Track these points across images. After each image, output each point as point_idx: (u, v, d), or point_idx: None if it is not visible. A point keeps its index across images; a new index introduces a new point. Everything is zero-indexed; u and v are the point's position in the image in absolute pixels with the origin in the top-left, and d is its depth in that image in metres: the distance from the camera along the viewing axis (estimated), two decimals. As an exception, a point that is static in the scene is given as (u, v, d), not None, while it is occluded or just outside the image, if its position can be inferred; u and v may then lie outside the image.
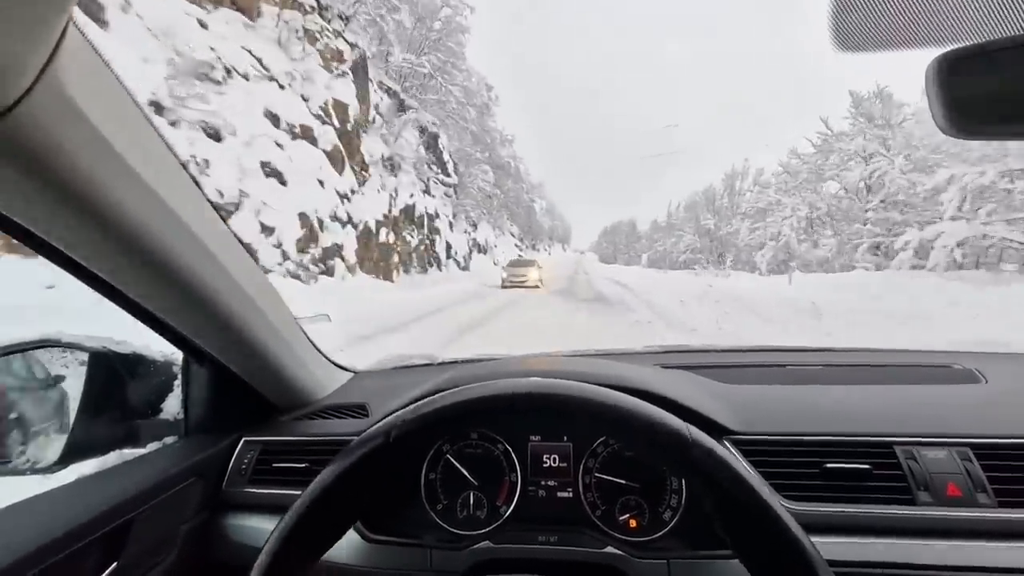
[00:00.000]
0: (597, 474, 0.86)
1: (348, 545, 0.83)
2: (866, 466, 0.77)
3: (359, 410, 1.05)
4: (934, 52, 0.46)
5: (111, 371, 0.94)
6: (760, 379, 1.04)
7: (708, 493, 0.53)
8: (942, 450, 0.77)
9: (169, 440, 0.96)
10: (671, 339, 7.02)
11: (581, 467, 0.87)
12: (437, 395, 0.61)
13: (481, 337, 7.15)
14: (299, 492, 0.58)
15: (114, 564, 0.72)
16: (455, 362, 1.33)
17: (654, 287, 18.08)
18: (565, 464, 0.88)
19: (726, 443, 0.82)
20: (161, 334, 0.84)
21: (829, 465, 0.78)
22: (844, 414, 0.87)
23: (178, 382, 1.01)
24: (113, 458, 0.84)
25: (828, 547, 0.71)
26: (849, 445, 0.80)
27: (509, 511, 0.86)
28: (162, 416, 0.99)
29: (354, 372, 1.28)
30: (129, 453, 0.88)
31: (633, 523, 0.82)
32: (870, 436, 0.81)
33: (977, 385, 0.96)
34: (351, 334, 6.51)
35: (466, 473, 0.88)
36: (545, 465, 0.88)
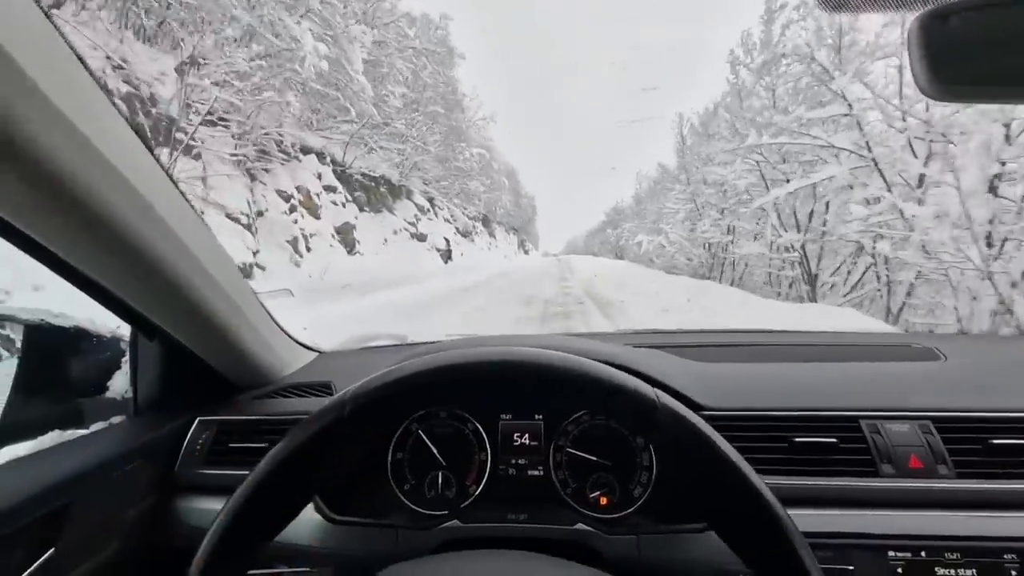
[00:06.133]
0: (569, 450, 0.85)
1: (311, 526, 0.79)
2: (833, 440, 0.78)
3: (323, 388, 1.01)
4: (917, 13, 0.45)
5: (50, 346, 0.88)
6: (729, 357, 1.04)
7: (678, 461, 0.52)
8: (905, 423, 0.79)
9: (116, 420, 0.90)
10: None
11: (552, 445, 0.85)
12: (396, 366, 0.57)
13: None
14: None
15: (51, 551, 0.66)
16: (426, 343, 1.29)
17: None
18: (536, 442, 0.86)
19: None
20: (106, 306, 0.78)
21: (797, 439, 0.79)
22: (811, 390, 0.88)
23: (126, 359, 0.94)
24: (51, 438, 0.78)
25: (796, 519, 0.71)
26: (816, 420, 0.81)
27: (479, 490, 0.84)
28: (108, 395, 0.93)
29: (319, 351, 1.23)
30: (70, 434, 0.81)
31: (604, 500, 0.81)
32: (836, 411, 0.82)
33: (937, 362, 0.98)
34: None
35: (435, 451, 0.86)
36: (516, 443, 0.86)
